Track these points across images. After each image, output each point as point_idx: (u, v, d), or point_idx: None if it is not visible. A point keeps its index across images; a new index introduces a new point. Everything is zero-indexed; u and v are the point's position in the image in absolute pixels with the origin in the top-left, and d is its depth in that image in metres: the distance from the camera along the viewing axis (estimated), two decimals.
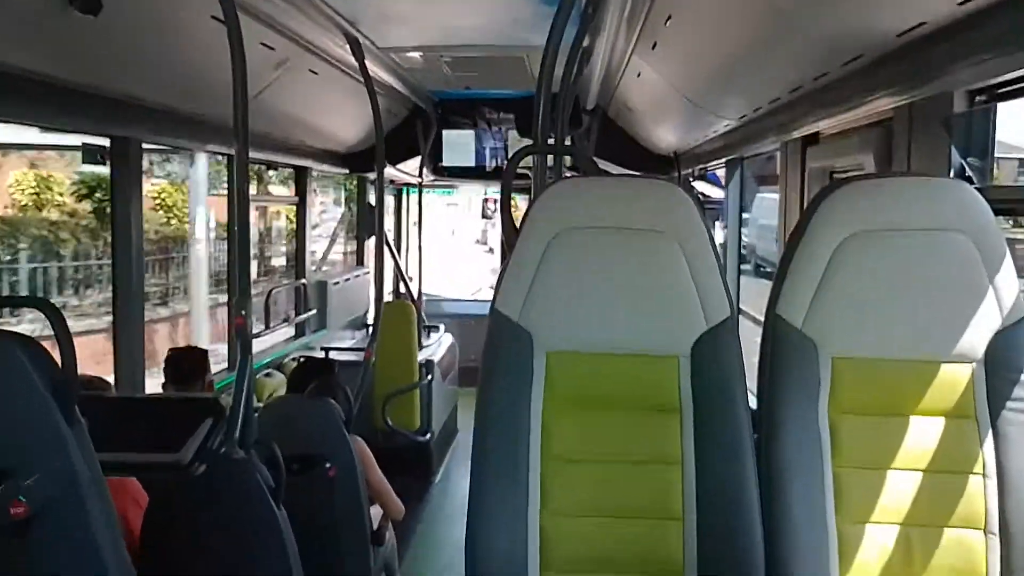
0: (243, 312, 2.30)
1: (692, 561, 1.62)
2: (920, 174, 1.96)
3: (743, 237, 4.53)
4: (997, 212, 1.65)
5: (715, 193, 5.18)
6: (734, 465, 1.62)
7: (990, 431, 1.60)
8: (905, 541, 1.61)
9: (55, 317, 1.52)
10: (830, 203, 1.67)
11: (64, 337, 1.52)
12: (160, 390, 3.07)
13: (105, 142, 3.37)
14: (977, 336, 1.61)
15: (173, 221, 11.62)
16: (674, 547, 1.63)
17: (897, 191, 1.67)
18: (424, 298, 7.15)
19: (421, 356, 5.31)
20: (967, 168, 1.96)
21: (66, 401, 1.44)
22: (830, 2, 1.86)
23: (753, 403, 1.71)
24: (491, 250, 20.07)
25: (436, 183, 7.23)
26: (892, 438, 1.63)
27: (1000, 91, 1.87)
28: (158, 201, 11.53)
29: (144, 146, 3.38)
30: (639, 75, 3.75)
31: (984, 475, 1.60)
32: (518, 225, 1.76)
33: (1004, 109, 1.91)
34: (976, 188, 1.70)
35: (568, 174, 3.27)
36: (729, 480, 1.61)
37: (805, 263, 1.66)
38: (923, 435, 1.63)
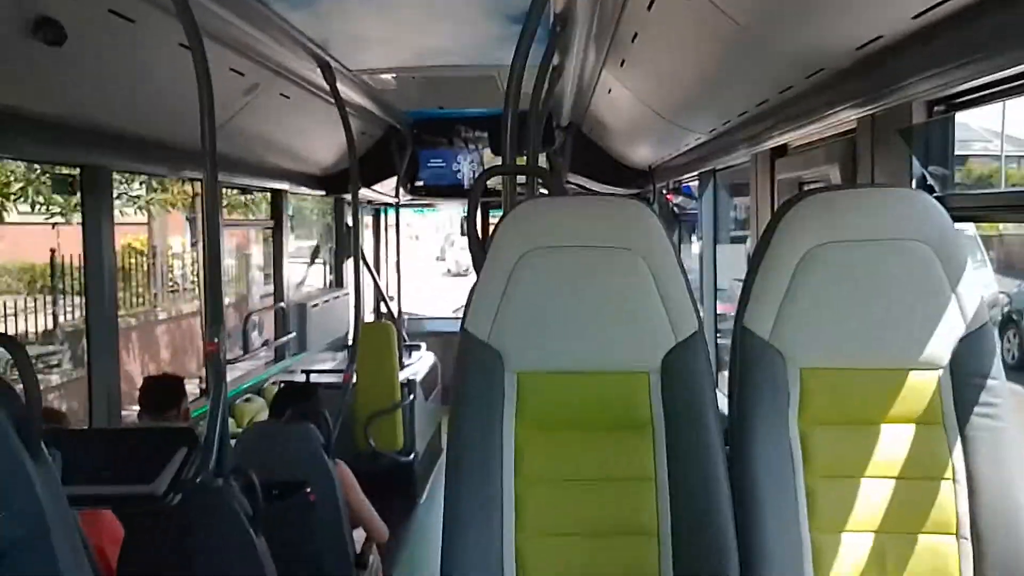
0: (215, 339, 2.29)
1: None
2: (882, 185, 1.99)
3: None
4: (957, 219, 1.68)
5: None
6: (706, 479, 1.62)
7: (958, 436, 1.62)
8: (879, 549, 1.62)
9: (18, 353, 1.49)
10: (793, 215, 1.69)
11: (27, 373, 1.49)
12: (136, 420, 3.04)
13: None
14: (942, 343, 1.63)
15: None
16: (650, 563, 1.63)
17: (857, 202, 1.69)
18: (405, 316, 7.11)
19: (403, 375, 5.27)
20: (928, 177, 2.00)
21: (30, 438, 1.41)
22: (791, 17, 1.87)
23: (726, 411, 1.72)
24: (450, 271, 19.74)
25: (413, 202, 7.23)
26: (863, 447, 1.64)
27: (957, 100, 1.90)
28: None
29: None
30: (610, 91, 3.78)
31: (954, 480, 1.61)
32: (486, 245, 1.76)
33: None
34: (936, 196, 1.72)
35: (540, 191, 3.28)
36: (702, 494, 1.62)
37: (770, 274, 1.68)
38: (893, 443, 1.64)
